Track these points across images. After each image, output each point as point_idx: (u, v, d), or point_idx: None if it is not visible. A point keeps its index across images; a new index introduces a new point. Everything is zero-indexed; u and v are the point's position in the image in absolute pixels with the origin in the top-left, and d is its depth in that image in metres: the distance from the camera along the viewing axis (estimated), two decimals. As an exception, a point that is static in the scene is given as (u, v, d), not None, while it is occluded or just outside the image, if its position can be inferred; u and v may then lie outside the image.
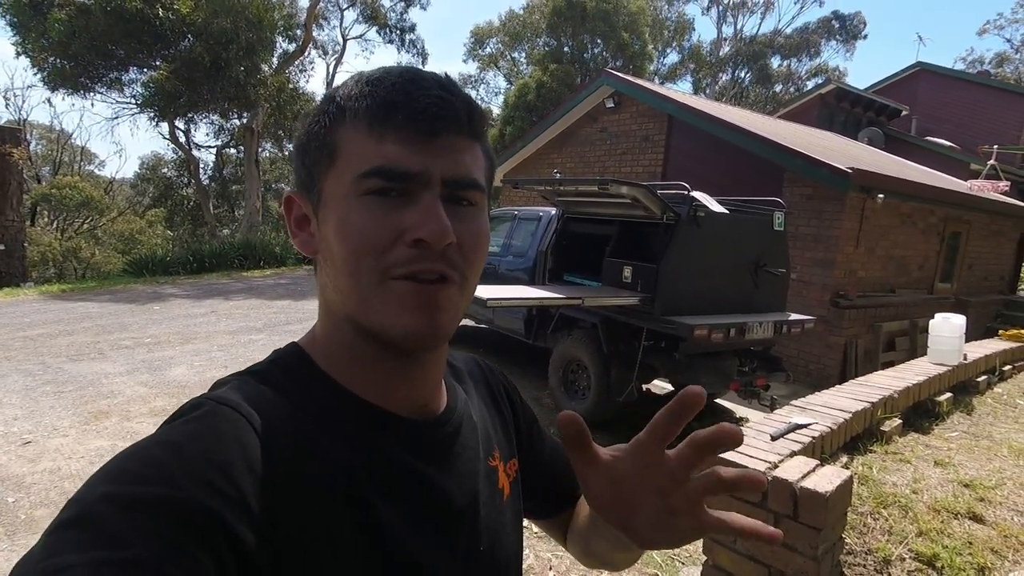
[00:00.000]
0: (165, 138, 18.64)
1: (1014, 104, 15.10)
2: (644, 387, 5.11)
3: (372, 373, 0.52)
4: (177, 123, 17.53)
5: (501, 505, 0.62)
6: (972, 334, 3.60)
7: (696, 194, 4.30)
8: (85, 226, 22.06)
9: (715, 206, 4.28)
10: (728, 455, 1.83)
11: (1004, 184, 8.11)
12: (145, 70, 14.02)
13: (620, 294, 4.29)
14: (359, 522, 0.47)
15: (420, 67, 0.54)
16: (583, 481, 0.49)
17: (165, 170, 23.70)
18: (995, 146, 8.33)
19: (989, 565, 1.78)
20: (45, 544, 0.35)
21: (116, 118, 18.23)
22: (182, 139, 19.14)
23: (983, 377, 3.67)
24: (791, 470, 1.73)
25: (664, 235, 4.30)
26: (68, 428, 3.89)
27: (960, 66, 30.00)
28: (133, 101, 14.87)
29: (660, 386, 5.53)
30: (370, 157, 0.47)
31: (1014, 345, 4.30)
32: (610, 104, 9.02)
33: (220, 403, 0.46)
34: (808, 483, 1.66)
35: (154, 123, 15.64)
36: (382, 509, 0.49)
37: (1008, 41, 35.75)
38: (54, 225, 21.73)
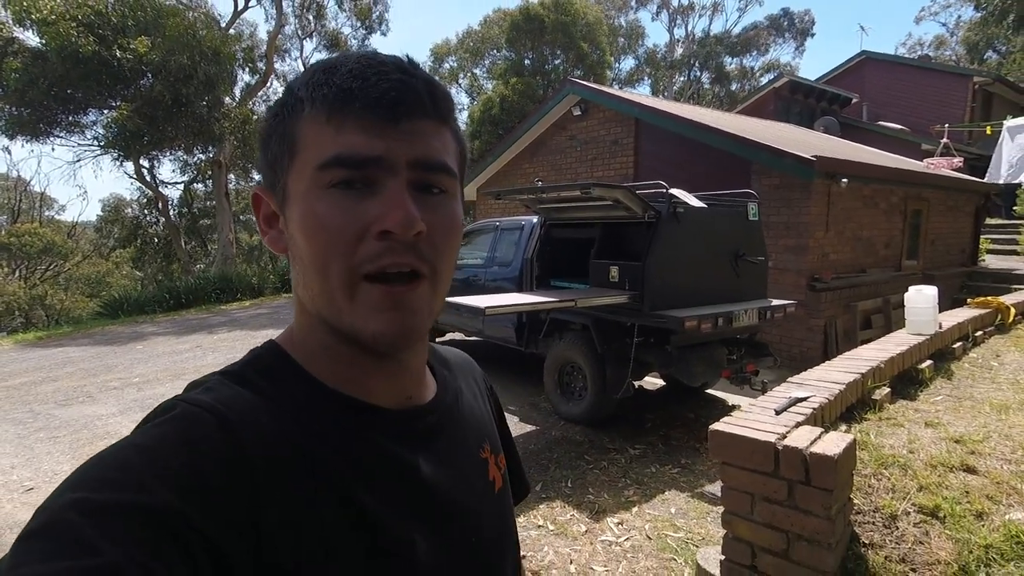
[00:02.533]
0: (131, 177, 18.33)
1: (955, 84, 15.89)
2: (637, 384, 5.23)
3: (350, 369, 0.52)
4: (142, 162, 17.26)
5: (493, 496, 0.61)
6: (941, 306, 3.79)
7: (674, 191, 4.46)
8: (49, 272, 21.45)
9: (693, 201, 4.44)
10: (739, 431, 1.93)
11: (958, 160, 8.53)
12: (105, 111, 13.82)
13: (609, 294, 4.41)
14: (345, 514, 0.46)
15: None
16: None
17: (129, 210, 23.24)
18: (946, 125, 8.77)
19: (987, 510, 1.90)
20: (13, 554, 0.34)
21: (78, 161, 17.86)
22: (148, 178, 18.84)
23: (958, 344, 3.86)
24: (800, 438, 1.84)
25: (647, 233, 4.43)
26: (69, 472, 3.80)
27: (902, 52, 31.43)
28: (95, 143, 14.64)
29: (651, 382, 5.66)
30: (329, 147, 0.45)
31: (982, 312, 4.54)
32: (577, 112, 9.23)
33: (192, 404, 0.44)
34: (817, 448, 1.76)
35: (118, 163, 15.41)
36: (368, 500, 0.47)
37: (944, 25, 37.56)
38: (16, 274, 21.07)
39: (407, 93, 0.46)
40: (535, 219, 5.49)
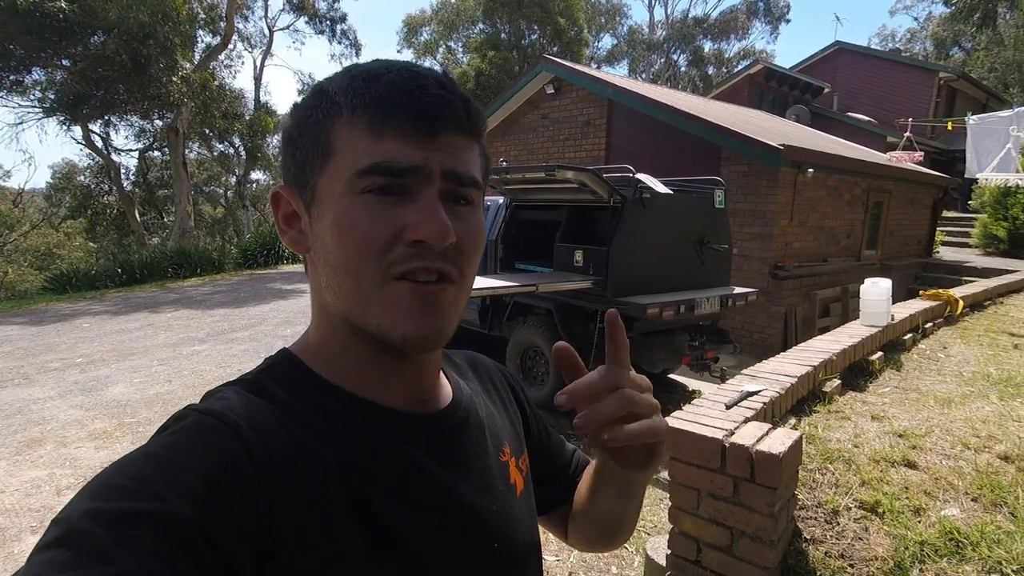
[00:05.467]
0: (79, 143, 17.34)
1: (922, 78, 16.24)
2: (601, 368, 5.23)
3: (368, 371, 0.52)
4: (92, 126, 16.35)
5: (515, 500, 0.61)
6: (895, 296, 3.86)
7: (641, 176, 4.40)
8: (-6, 242, 20.33)
9: (660, 187, 4.39)
10: (687, 426, 1.90)
11: (918, 155, 8.72)
12: (50, 70, 12.94)
13: (573, 278, 4.36)
14: (360, 520, 0.46)
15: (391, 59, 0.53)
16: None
17: (81, 178, 22.10)
18: (910, 119, 8.94)
19: (924, 506, 1.93)
20: (30, 565, 0.35)
21: (20, 123, 16.79)
22: (99, 143, 17.88)
23: (908, 335, 3.95)
24: (746, 436, 1.82)
25: (612, 218, 4.38)
26: (-5, 462, 3.61)
27: (875, 44, 31.93)
28: (39, 105, 13.74)
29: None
30: (369, 154, 0.46)
31: (933, 304, 4.65)
32: (550, 90, 9.07)
33: (204, 414, 0.45)
34: (763, 446, 1.74)
35: (65, 128, 14.53)
36: (385, 508, 0.48)
37: (916, 19, 38.28)
38: (-42, 243, 19.92)
39: (446, 108, 0.48)
40: (500, 200, 5.38)
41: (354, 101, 0.47)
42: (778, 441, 1.78)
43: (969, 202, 12.97)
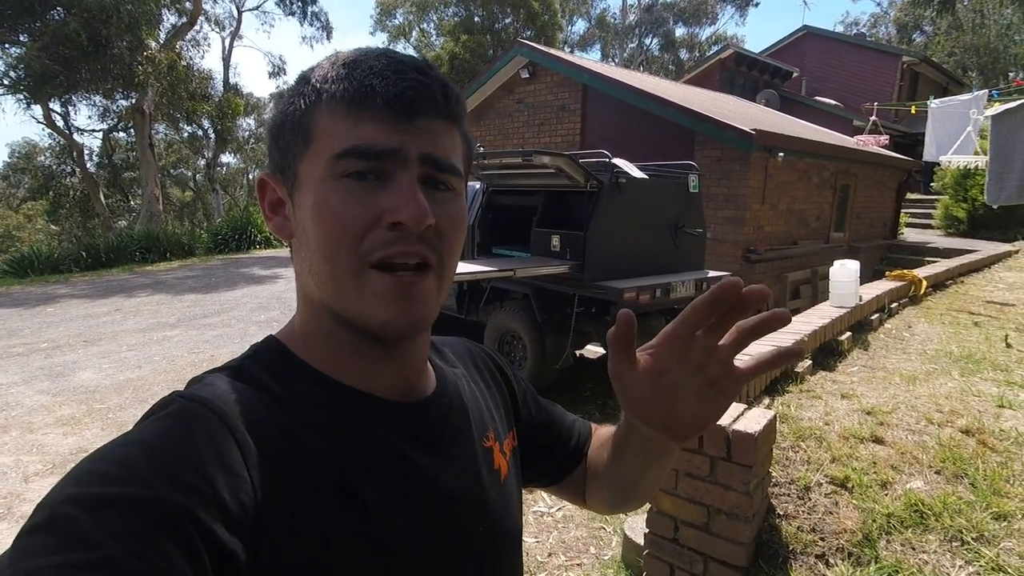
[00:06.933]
0: (39, 122, 16.58)
1: (886, 63, 16.58)
2: (578, 353, 5.27)
3: (353, 358, 0.52)
4: (53, 105, 15.62)
5: (499, 485, 0.62)
6: (863, 278, 3.97)
7: (617, 161, 4.41)
8: (-54, 228, 19.39)
9: (635, 172, 4.41)
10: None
11: (884, 138, 8.94)
12: (7, 46, 12.27)
13: (550, 263, 4.36)
14: (345, 506, 0.46)
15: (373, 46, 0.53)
16: (622, 388, 0.51)
17: (42, 158, 21.17)
18: (875, 103, 9.14)
19: (890, 480, 2.01)
20: (13, 550, 0.35)
21: (-28, 102, 15.95)
22: (60, 123, 17.12)
23: (875, 315, 4.08)
24: (723, 416, 1.86)
25: (589, 203, 4.39)
26: (-41, 456, 3.48)
27: (840, 29, 32.36)
28: (-1, 83, 13.02)
29: (592, 351, 5.73)
30: (346, 138, 0.47)
31: (898, 284, 4.80)
32: (525, 75, 8.99)
33: (190, 400, 0.45)
34: (739, 426, 1.79)
35: (24, 106, 13.85)
36: (370, 496, 0.48)
37: (878, 4, 38.83)
38: (-94, 229, 18.94)
39: (423, 93, 0.48)
40: (477, 185, 5.34)
41: (333, 88, 0.47)
42: (753, 421, 1.83)
43: (931, 184, 13.37)
